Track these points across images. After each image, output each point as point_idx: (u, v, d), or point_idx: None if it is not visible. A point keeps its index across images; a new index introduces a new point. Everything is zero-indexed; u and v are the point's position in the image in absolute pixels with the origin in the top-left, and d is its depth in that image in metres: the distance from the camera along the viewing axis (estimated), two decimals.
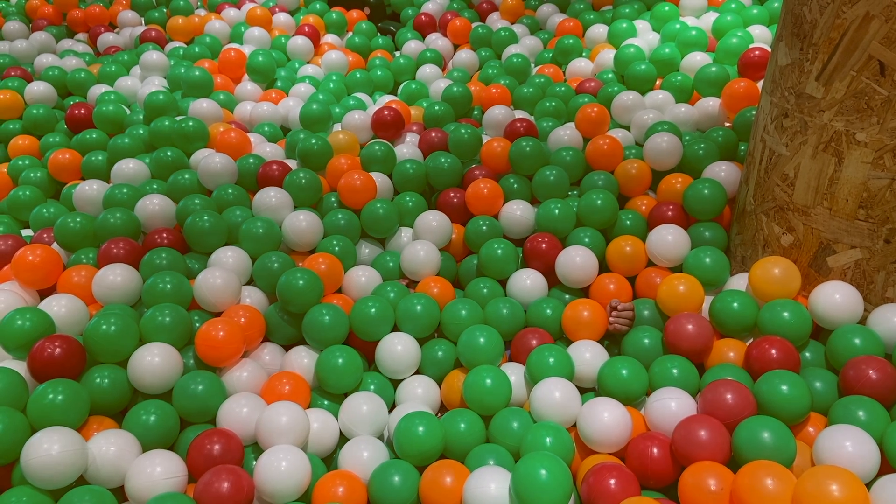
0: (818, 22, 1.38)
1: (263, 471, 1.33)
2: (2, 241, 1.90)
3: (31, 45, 3.12)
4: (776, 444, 1.24)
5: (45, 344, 1.45)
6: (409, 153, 2.26)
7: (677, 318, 1.60)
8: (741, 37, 2.45)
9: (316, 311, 1.66)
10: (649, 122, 2.20)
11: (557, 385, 1.49)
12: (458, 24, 3.16)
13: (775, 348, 1.47)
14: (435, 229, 1.97)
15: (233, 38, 3.18)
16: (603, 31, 2.84)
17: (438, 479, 1.34)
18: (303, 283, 1.68)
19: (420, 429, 1.42)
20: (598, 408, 1.42)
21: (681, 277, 1.70)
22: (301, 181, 2.04)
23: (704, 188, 1.86)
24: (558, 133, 2.22)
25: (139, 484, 1.30)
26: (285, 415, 1.42)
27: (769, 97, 1.57)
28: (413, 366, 1.68)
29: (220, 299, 1.69)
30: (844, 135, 1.39)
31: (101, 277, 1.68)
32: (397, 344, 1.66)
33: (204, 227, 1.85)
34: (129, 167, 2.17)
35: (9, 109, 2.63)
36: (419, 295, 1.75)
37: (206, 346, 1.55)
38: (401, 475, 1.36)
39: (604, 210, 1.92)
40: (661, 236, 1.81)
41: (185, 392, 1.48)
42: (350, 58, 3.05)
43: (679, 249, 1.79)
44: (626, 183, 2.05)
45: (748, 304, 1.60)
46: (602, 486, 1.25)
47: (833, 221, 1.49)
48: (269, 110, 2.60)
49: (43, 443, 1.27)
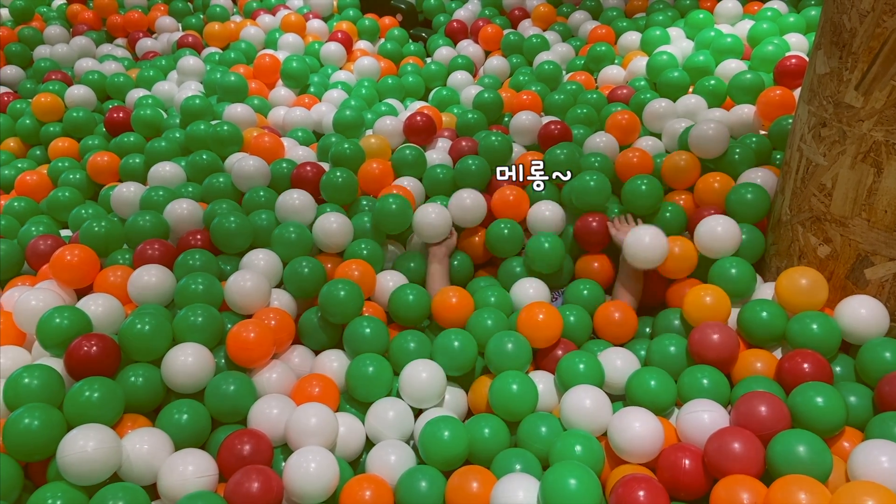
0: (858, 31, 1.36)
1: (292, 471, 1.34)
2: (41, 241, 1.94)
3: (72, 49, 3.20)
4: (812, 458, 1.21)
5: (81, 342, 1.47)
6: (439, 159, 2.27)
7: (702, 328, 1.57)
8: (777, 44, 2.42)
9: (357, 324, 1.67)
10: (680, 130, 2.18)
11: (588, 393, 1.48)
12: (490, 31, 3.17)
13: (808, 362, 1.44)
14: (469, 207, 1.99)
15: (267, 44, 3.23)
16: (636, 38, 2.82)
17: (465, 485, 1.33)
18: (344, 294, 1.69)
19: (445, 433, 1.42)
20: (629, 417, 1.40)
21: (707, 289, 1.67)
22: (338, 180, 2.06)
23: (748, 192, 1.82)
24: (594, 140, 2.21)
25: (171, 482, 1.32)
26: (315, 416, 1.43)
27: (807, 106, 1.55)
28: (440, 395, 1.62)
29: (249, 302, 1.71)
30: (884, 145, 1.37)
31: (136, 278, 1.72)
32: (422, 371, 1.59)
33: (230, 228, 1.88)
34: (166, 170, 2.21)
35: (49, 112, 2.69)
36: (457, 331, 1.69)
37: (237, 346, 1.57)
38: (428, 480, 1.36)
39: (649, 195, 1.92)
40: (711, 227, 1.78)
41: (217, 392, 1.50)
42: (382, 64, 3.07)
43: (731, 241, 1.76)
44: (673, 175, 2.02)
45: (777, 313, 1.58)
46: (631, 498, 1.24)
47: (871, 233, 1.46)
48: (302, 115, 2.63)
49: (79, 440, 1.29)
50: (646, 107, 2.31)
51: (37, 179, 2.39)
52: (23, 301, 1.65)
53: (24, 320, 1.64)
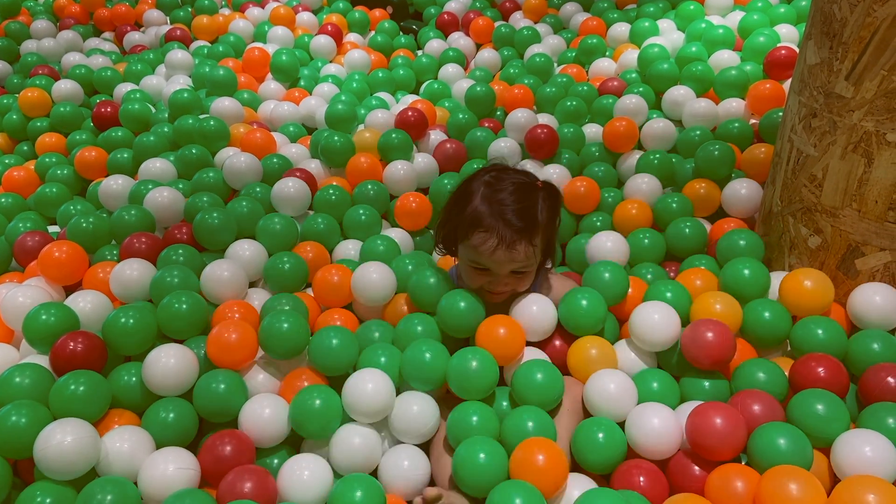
0: (848, 20, 1.35)
1: (286, 476, 1.30)
2: (29, 238, 1.91)
3: (59, 43, 3.16)
4: (793, 450, 1.20)
5: (66, 340, 1.46)
6: (427, 158, 2.26)
7: (695, 326, 1.44)
8: (768, 35, 2.42)
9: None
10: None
11: (613, 378, 1.38)
12: (481, 24, 3.15)
13: (822, 366, 1.37)
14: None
15: (256, 38, 3.20)
16: (625, 29, 2.82)
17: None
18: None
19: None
20: (647, 413, 1.31)
21: (716, 295, 1.53)
22: (332, 197, 2.04)
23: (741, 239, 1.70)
24: (584, 131, 2.21)
25: (151, 478, 1.28)
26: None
27: (797, 97, 1.55)
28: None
29: (224, 292, 1.67)
30: (874, 135, 1.37)
31: (118, 272, 1.69)
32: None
33: (213, 224, 1.84)
34: (156, 166, 2.19)
35: (36, 107, 2.66)
36: (476, 350, 1.44)
37: (218, 349, 1.48)
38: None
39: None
40: (735, 190, 1.84)
41: (207, 391, 1.44)
42: (372, 57, 3.05)
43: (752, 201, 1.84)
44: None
45: (780, 313, 1.50)
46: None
47: (862, 223, 1.46)
48: (291, 110, 2.61)
49: (56, 433, 1.26)
50: (644, 127, 2.21)
51: (24, 175, 2.36)
52: (10, 298, 1.63)
53: (11, 317, 1.62)
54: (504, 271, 1.44)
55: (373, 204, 2.05)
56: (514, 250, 1.39)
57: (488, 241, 1.39)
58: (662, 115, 2.32)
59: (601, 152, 2.22)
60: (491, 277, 1.46)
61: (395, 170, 2.15)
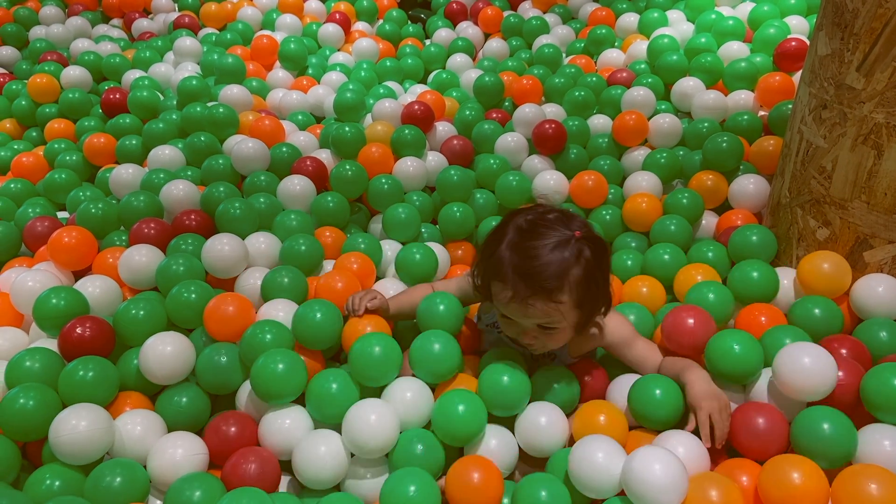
0: (860, 11, 1.34)
1: (299, 455, 1.30)
2: (38, 223, 1.93)
3: (68, 30, 3.17)
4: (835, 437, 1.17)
5: (75, 325, 1.47)
6: (434, 160, 2.25)
7: (676, 311, 1.43)
8: (778, 27, 2.40)
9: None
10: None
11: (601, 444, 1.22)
12: (490, 13, 3.14)
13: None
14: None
15: (265, 25, 3.20)
16: (634, 20, 2.80)
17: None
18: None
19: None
20: (650, 457, 1.12)
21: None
22: (347, 173, 2.04)
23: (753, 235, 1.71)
24: (593, 122, 2.20)
25: (160, 463, 1.30)
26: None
27: (808, 88, 1.54)
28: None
29: (225, 266, 1.69)
30: (885, 127, 1.36)
31: (127, 258, 1.69)
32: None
33: (235, 214, 1.85)
34: (165, 154, 2.19)
35: (45, 93, 2.67)
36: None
37: (216, 321, 1.51)
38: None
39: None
40: (743, 185, 1.86)
41: (209, 364, 1.46)
42: (380, 45, 3.05)
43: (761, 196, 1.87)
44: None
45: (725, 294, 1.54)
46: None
47: (871, 216, 1.46)
48: (299, 98, 2.61)
49: (71, 419, 1.28)
50: (651, 121, 2.19)
51: (33, 161, 2.38)
52: (19, 282, 1.64)
53: (21, 301, 1.63)
54: (527, 324, 1.32)
55: (384, 197, 2.05)
56: (529, 306, 1.26)
57: (504, 292, 1.29)
58: (671, 107, 2.32)
59: (609, 144, 2.22)
60: (518, 328, 1.35)
61: (406, 166, 2.15)
